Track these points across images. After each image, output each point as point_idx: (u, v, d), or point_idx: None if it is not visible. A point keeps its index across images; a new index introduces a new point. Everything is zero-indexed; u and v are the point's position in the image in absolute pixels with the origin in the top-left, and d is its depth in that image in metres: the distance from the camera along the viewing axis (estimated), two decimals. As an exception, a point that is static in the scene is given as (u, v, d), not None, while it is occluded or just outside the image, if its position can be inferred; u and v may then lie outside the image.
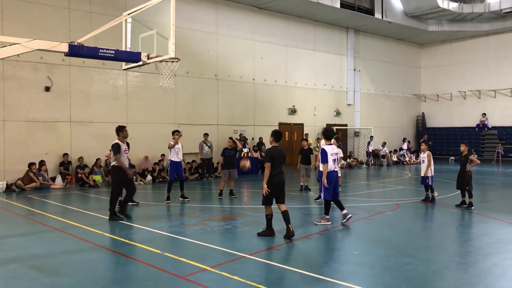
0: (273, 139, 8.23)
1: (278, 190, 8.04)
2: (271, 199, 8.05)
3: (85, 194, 14.60)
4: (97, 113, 17.94)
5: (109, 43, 10.19)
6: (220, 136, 21.30)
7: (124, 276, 6.13)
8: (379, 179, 19.72)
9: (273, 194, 8.03)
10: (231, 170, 13.13)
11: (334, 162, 9.27)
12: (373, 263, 6.67)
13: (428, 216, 10.92)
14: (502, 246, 7.68)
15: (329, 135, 9.57)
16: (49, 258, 6.94)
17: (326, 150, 9.19)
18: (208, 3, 21.39)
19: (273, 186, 7.96)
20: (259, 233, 8.16)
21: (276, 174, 7.98)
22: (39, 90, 16.70)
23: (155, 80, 12.31)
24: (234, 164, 13.22)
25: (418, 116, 33.84)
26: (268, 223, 8.11)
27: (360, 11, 25.19)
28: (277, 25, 24.32)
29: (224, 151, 13.24)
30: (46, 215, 10.64)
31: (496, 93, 30.12)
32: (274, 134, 8.26)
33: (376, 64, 30.08)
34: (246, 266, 6.37)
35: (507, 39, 29.66)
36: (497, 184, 17.79)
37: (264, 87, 23.75)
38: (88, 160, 17.37)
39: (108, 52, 8.82)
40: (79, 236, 8.29)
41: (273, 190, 7.98)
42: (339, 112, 27.69)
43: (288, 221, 7.96)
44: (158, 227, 9.00)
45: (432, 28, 29.26)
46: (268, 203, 8.06)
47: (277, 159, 7.99)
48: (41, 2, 16.67)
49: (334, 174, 9.29)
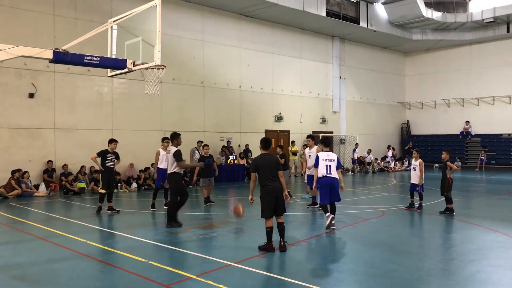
0: (260, 146, 8.08)
1: (273, 199, 7.64)
2: (270, 211, 7.65)
3: (69, 201, 14.42)
4: (81, 120, 17.79)
5: (95, 50, 10.14)
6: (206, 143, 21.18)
7: (108, 285, 6.06)
8: (365, 186, 19.83)
9: (270, 205, 7.64)
10: (210, 178, 13.11)
11: (329, 168, 9.30)
12: (358, 270, 6.70)
13: (412, 223, 11.01)
14: (485, 252, 7.77)
15: (327, 142, 10.01)
16: (31, 267, 6.83)
17: (319, 156, 9.44)
18: (195, 10, 21.42)
19: (267, 195, 7.63)
20: (260, 247, 7.69)
21: (266, 184, 7.66)
22: (23, 96, 16.52)
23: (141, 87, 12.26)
24: (212, 172, 13.20)
25: (403, 123, 34.19)
26: (268, 236, 7.65)
27: (346, 20, 25.44)
28: (264, 33, 24.44)
29: (203, 160, 13.19)
30: (29, 223, 10.48)
31: (479, 101, 30.60)
32: (261, 142, 8.14)
33: (361, 72, 30.37)
34: (232, 274, 6.34)
35: (489, 48, 30.21)
36: (480, 191, 18.02)
37: (251, 94, 23.80)
38: (73, 167, 17.20)
39: (93, 59, 8.77)
40: (63, 244, 8.18)
41: (268, 200, 7.63)
42: (325, 119, 27.86)
43: (283, 234, 7.72)
44: (143, 235, 8.92)
45: (416, 37, 29.69)
46: (267, 216, 7.65)
47: (263, 168, 7.69)
48: (26, 8, 16.53)
49: (327, 179, 9.29)
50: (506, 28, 28.30)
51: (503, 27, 28.46)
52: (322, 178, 9.30)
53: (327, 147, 9.94)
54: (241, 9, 22.39)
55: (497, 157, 29.16)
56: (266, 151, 8.04)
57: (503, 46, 29.57)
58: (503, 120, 29.53)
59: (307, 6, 22.97)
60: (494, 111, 30.01)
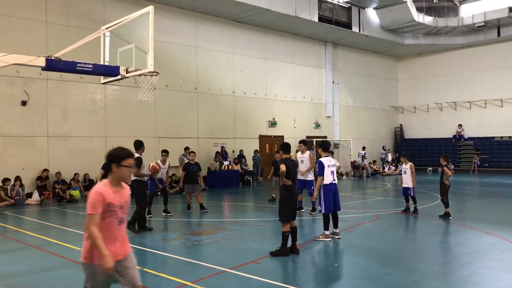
0: (282, 151, 8.18)
1: (295, 204, 7.91)
2: (292, 215, 7.75)
3: (62, 209, 14.33)
4: (75, 127, 17.73)
5: (87, 57, 10.13)
6: (200, 149, 21.23)
7: (102, 293, 6.01)
8: (359, 190, 19.86)
9: (294, 208, 7.82)
10: (195, 185, 13.11)
11: (332, 174, 8.96)
12: (353, 274, 6.70)
13: (407, 226, 11.04)
14: (479, 255, 7.80)
15: (326, 147, 9.31)
16: (25, 276, 6.78)
17: (323, 163, 8.90)
18: (187, 16, 21.45)
19: (291, 198, 7.76)
20: (271, 253, 7.61)
21: (292, 187, 7.74)
22: (15, 104, 16.43)
23: (134, 93, 12.26)
24: (197, 179, 13.19)
25: (396, 127, 34.34)
26: (284, 241, 7.61)
27: (338, 25, 25.58)
28: (256, 38, 24.51)
29: (188, 166, 13.19)
30: (22, 232, 10.41)
31: (471, 104, 30.81)
32: (284, 146, 8.19)
33: (354, 76, 30.51)
34: (227, 280, 6.33)
35: (480, 52, 30.47)
36: (474, 194, 18.11)
37: (244, 100, 23.83)
38: (66, 175, 17.10)
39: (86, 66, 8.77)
40: (57, 253, 8.12)
41: (292, 203, 7.77)
42: (318, 124, 27.93)
43: (295, 237, 7.84)
44: (138, 242, 8.88)
45: (408, 42, 29.89)
46: (289, 219, 7.69)
47: (290, 171, 7.74)
48: (18, 16, 16.48)
49: (333, 186, 8.95)
50: (497, 32, 28.57)
51: (493, 31, 28.72)
52: (328, 185, 8.86)
53: (327, 151, 9.28)
54: (234, 15, 22.45)
55: (489, 160, 29.33)
56: (287, 155, 8.08)
57: (494, 50, 29.82)
58: (495, 123, 29.73)
59: (300, 12, 23.07)
60: (486, 114, 30.21)
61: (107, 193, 3.85)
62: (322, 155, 9.18)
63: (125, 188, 4.06)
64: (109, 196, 3.86)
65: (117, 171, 3.94)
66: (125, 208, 4.04)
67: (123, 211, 4.00)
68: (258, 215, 12.76)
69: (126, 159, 3.95)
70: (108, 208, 3.85)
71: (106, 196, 3.84)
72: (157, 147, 19.66)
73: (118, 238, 3.99)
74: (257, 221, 11.57)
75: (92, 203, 3.80)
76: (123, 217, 3.98)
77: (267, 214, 12.50)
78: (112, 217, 3.88)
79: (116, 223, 3.93)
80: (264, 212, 13.03)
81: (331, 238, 8.90)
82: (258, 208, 14.19)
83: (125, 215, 4.02)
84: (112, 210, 3.87)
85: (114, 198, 3.89)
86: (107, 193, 3.85)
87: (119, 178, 3.97)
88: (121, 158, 3.92)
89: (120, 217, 3.94)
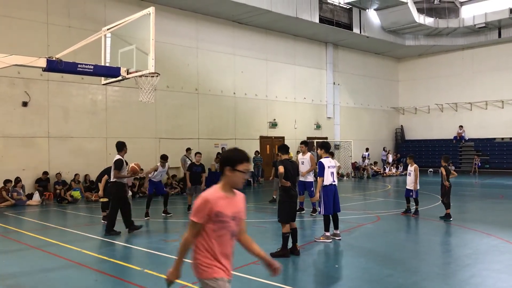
0: (281, 152, 8.29)
1: (295, 205, 7.94)
2: (292, 216, 7.77)
3: (62, 210, 14.34)
4: (75, 128, 17.73)
5: (88, 58, 10.14)
6: (201, 150, 21.10)
7: (103, 294, 6.03)
8: (360, 191, 19.85)
9: (293, 210, 7.85)
10: (197, 186, 13.10)
11: (332, 175, 8.93)
12: (354, 276, 6.70)
13: (408, 228, 11.03)
14: (480, 256, 7.79)
15: (328, 147, 9.30)
16: (26, 276, 6.78)
17: (324, 163, 8.87)
18: (188, 17, 21.47)
19: (291, 199, 7.80)
20: (272, 254, 7.51)
21: (291, 188, 7.77)
22: (16, 105, 16.45)
23: (135, 94, 12.27)
24: (199, 180, 13.20)
25: (397, 128, 34.33)
26: (284, 242, 7.64)
27: (339, 26, 25.57)
28: (257, 40, 24.51)
29: (192, 167, 13.18)
30: (23, 233, 10.42)
31: (472, 105, 30.79)
32: (283, 148, 8.32)
33: (355, 78, 30.51)
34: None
35: (480, 53, 30.45)
36: (474, 195, 18.09)
37: (245, 101, 23.83)
38: (67, 176, 17.11)
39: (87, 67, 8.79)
40: (57, 253, 8.12)
41: (292, 204, 7.81)
42: (319, 125, 27.92)
43: (296, 238, 7.85)
44: (138, 244, 8.88)
45: (409, 43, 29.88)
46: (288, 220, 7.71)
47: (289, 172, 7.78)
48: (19, 17, 16.50)
49: (333, 187, 8.93)
50: (498, 33, 28.56)
51: (494, 32, 28.71)
52: (328, 186, 8.85)
53: (328, 152, 9.28)
54: (235, 16, 22.47)
55: (490, 161, 29.31)
56: (287, 156, 8.15)
57: (495, 51, 29.80)
58: (496, 124, 29.70)
59: (300, 13, 23.08)
60: (487, 116, 30.19)
61: (216, 200, 3.32)
62: (323, 156, 9.16)
63: (238, 196, 3.50)
64: (218, 205, 3.30)
65: (230, 175, 3.40)
66: (239, 220, 3.45)
67: (237, 223, 3.43)
68: (259, 216, 12.75)
69: (243, 163, 3.40)
70: (218, 218, 3.29)
71: (215, 204, 3.29)
72: (157, 148, 19.70)
73: (232, 255, 3.48)
74: (257, 222, 11.56)
75: (196, 209, 3.30)
76: (236, 230, 3.44)
77: (267, 215, 12.49)
78: (224, 229, 3.33)
79: (228, 237, 3.38)
80: (265, 213, 13.02)
81: (332, 239, 8.89)
82: (258, 209, 14.18)
83: (238, 228, 3.46)
84: (223, 221, 3.31)
85: (224, 207, 3.32)
86: (216, 201, 3.31)
87: (232, 184, 3.42)
88: (236, 162, 3.39)
89: (232, 230, 3.39)
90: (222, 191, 3.39)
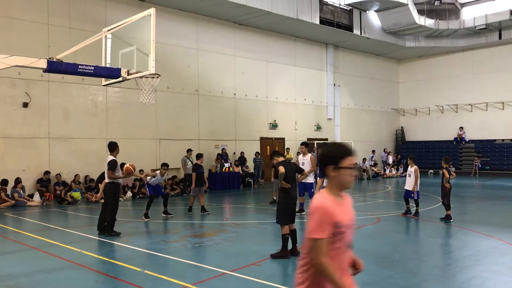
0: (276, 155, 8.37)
1: (294, 207, 7.93)
2: (290, 217, 7.77)
3: (63, 211, 14.34)
4: (76, 129, 17.74)
5: (89, 59, 10.13)
6: (201, 151, 21.06)
7: (103, 295, 6.02)
8: (360, 193, 19.85)
9: (292, 211, 7.83)
10: (201, 188, 13.15)
11: None
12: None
13: (408, 229, 11.03)
14: (480, 258, 7.78)
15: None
16: (25, 277, 6.78)
17: None
18: (189, 18, 21.48)
19: (290, 200, 7.79)
20: (272, 255, 7.62)
21: (290, 190, 7.78)
22: (17, 106, 16.45)
23: (135, 95, 12.26)
24: (203, 181, 13.32)
25: (397, 130, 34.32)
26: (284, 243, 7.67)
27: (339, 28, 25.58)
28: (258, 41, 24.53)
29: (197, 168, 13.20)
30: (22, 233, 10.41)
31: (473, 107, 30.79)
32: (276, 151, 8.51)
33: (355, 79, 30.51)
34: (228, 282, 6.32)
35: (481, 55, 30.46)
36: (475, 197, 18.08)
37: (245, 102, 23.84)
38: (67, 177, 17.11)
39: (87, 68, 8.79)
40: (57, 254, 8.12)
41: (291, 206, 7.81)
42: (319, 126, 27.92)
43: (296, 240, 7.85)
44: (138, 244, 8.88)
45: (410, 44, 29.89)
46: (287, 222, 7.71)
47: (288, 173, 7.81)
48: (20, 18, 16.52)
49: None
50: (498, 34, 28.56)
51: (495, 34, 28.72)
52: None
53: None
54: (235, 17, 22.48)
55: (491, 163, 29.29)
56: (281, 158, 8.24)
57: (495, 53, 29.81)
58: (496, 126, 29.70)
59: (301, 14, 23.10)
60: (488, 117, 30.18)
61: (334, 208, 2.83)
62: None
63: (346, 199, 3.02)
64: (336, 213, 2.82)
65: (335, 175, 2.89)
66: (352, 227, 2.99)
67: (351, 231, 2.98)
68: (259, 217, 12.75)
69: (346, 157, 2.89)
70: (336, 229, 2.80)
71: (333, 212, 2.81)
72: (158, 149, 19.71)
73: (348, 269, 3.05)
74: (258, 223, 11.56)
75: (319, 223, 2.76)
76: (350, 240, 2.98)
77: (268, 217, 12.49)
78: (341, 240, 2.85)
79: (344, 249, 2.92)
80: (265, 214, 13.01)
81: None
82: (259, 210, 14.18)
83: (352, 236, 3.01)
84: (340, 231, 2.83)
85: (341, 215, 2.85)
86: (333, 209, 2.82)
87: (340, 186, 2.92)
88: (339, 158, 2.88)
89: (347, 240, 2.92)
90: (332, 196, 2.90)
